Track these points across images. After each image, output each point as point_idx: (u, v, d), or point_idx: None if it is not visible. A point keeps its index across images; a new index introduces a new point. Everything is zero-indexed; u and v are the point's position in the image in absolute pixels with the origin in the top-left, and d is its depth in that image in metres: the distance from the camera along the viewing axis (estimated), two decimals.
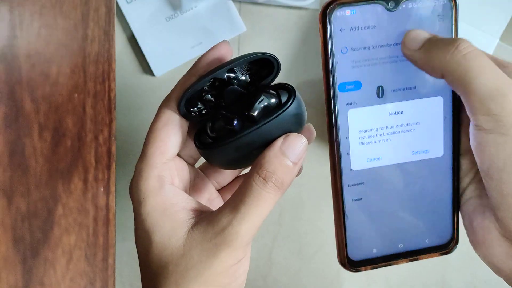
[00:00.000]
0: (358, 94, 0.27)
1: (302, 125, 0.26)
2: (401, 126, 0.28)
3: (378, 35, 0.26)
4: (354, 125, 0.27)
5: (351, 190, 0.29)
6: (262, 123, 0.24)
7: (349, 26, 0.26)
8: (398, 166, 0.28)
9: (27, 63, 0.35)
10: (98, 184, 0.39)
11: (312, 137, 0.29)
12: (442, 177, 0.29)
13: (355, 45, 0.26)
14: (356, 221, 0.29)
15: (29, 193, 0.36)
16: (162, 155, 0.26)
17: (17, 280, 0.35)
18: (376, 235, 0.29)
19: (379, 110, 0.27)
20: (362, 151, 0.28)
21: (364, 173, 0.28)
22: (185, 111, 0.26)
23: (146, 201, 0.25)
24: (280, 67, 0.27)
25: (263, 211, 0.24)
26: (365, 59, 0.27)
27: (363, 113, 0.27)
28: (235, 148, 0.25)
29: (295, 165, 0.25)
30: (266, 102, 0.25)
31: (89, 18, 0.39)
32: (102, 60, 0.39)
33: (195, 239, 0.24)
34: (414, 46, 0.26)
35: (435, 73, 0.25)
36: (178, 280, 0.24)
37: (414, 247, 0.30)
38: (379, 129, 0.28)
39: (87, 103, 0.39)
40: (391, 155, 0.28)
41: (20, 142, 0.35)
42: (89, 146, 0.39)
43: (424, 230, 0.30)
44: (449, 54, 0.24)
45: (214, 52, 0.26)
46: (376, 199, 0.29)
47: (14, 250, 0.35)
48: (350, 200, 0.29)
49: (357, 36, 0.26)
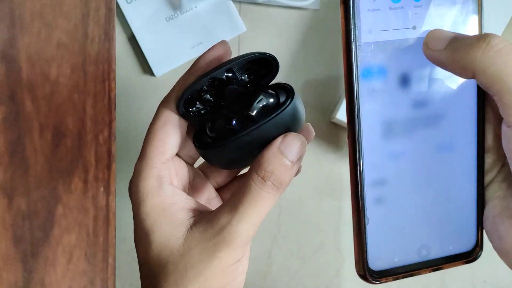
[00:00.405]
0: (382, 82, 0.25)
1: (301, 125, 0.26)
2: (426, 119, 0.26)
3: (404, 17, 0.24)
4: (377, 117, 0.25)
5: (373, 189, 0.26)
6: (261, 122, 0.24)
7: (374, 6, 0.24)
8: (422, 163, 0.26)
9: (27, 63, 0.36)
10: (98, 184, 0.39)
11: (311, 137, 0.29)
12: (466, 176, 0.27)
13: (380, 28, 0.24)
14: (378, 225, 0.26)
15: (30, 192, 0.36)
16: (161, 155, 0.26)
17: (17, 279, 0.36)
18: (399, 242, 0.26)
19: (404, 100, 0.25)
20: (384, 145, 0.25)
21: (386, 171, 0.26)
22: (184, 111, 0.26)
23: (145, 201, 0.25)
24: (279, 67, 0.27)
25: (262, 211, 0.24)
26: (389, 43, 0.24)
27: (386, 103, 0.25)
28: (234, 148, 0.25)
29: (294, 164, 0.25)
30: (265, 102, 0.25)
31: (89, 18, 0.39)
32: (102, 60, 0.40)
33: (194, 238, 0.24)
34: (439, 46, 0.24)
35: (465, 73, 0.23)
36: (178, 280, 0.24)
37: (438, 255, 0.27)
38: (402, 121, 0.25)
39: (87, 103, 0.39)
40: (414, 150, 0.26)
41: (21, 142, 0.35)
42: (89, 146, 0.39)
43: (449, 236, 0.27)
44: (481, 51, 0.22)
45: (213, 52, 0.26)
46: (400, 200, 0.26)
47: (15, 249, 0.35)
48: (371, 201, 0.26)
49: (382, 17, 0.24)
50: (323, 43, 0.47)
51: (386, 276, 0.26)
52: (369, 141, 0.25)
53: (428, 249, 0.27)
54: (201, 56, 0.26)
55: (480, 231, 0.27)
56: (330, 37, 0.47)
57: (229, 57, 0.27)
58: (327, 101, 0.47)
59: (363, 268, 0.26)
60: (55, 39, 0.37)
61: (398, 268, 0.26)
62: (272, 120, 0.24)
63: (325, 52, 0.47)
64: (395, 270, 0.26)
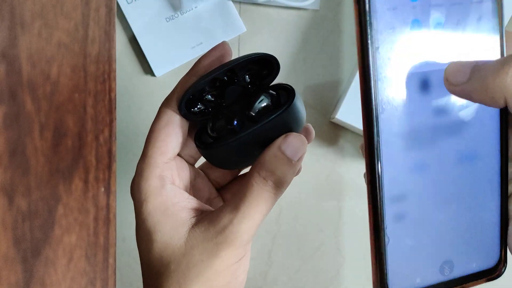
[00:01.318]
0: (401, 88, 0.23)
1: (301, 125, 0.27)
2: (448, 127, 0.24)
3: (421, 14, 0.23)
4: (395, 125, 0.23)
5: (393, 205, 0.23)
6: (262, 123, 0.24)
7: (389, 5, 0.22)
8: (444, 176, 0.24)
9: (28, 63, 0.36)
10: (99, 184, 0.39)
11: (311, 137, 0.29)
12: (490, 188, 0.25)
13: (398, 25, 0.22)
14: (399, 244, 0.24)
15: (30, 192, 0.36)
16: (163, 155, 0.26)
17: (17, 279, 0.36)
18: (421, 261, 0.24)
19: (424, 108, 0.23)
20: (404, 156, 0.24)
21: (407, 184, 0.24)
22: (186, 111, 0.26)
23: (147, 201, 0.26)
24: (280, 68, 0.27)
25: (264, 210, 0.24)
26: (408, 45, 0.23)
27: (405, 110, 0.23)
28: (235, 148, 0.25)
29: (295, 164, 0.25)
30: (266, 102, 0.25)
31: (90, 18, 0.39)
32: (102, 60, 0.40)
33: (196, 238, 0.24)
34: (461, 79, 0.22)
35: (496, 102, 0.21)
36: (180, 279, 0.24)
37: (461, 274, 0.25)
38: (423, 130, 0.24)
39: (88, 103, 0.39)
40: (436, 161, 0.24)
41: (21, 142, 0.35)
42: (89, 146, 0.39)
43: (472, 252, 0.25)
44: (509, 76, 0.20)
45: (214, 52, 0.27)
46: (421, 215, 0.24)
47: (15, 249, 0.35)
48: (391, 218, 0.23)
49: (399, 14, 0.22)
50: (323, 43, 0.47)
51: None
52: (388, 152, 0.23)
53: (451, 267, 0.25)
54: (203, 56, 0.27)
55: (504, 247, 0.25)
56: (330, 37, 0.47)
57: (230, 58, 0.27)
58: (327, 101, 0.47)
59: (382, 286, 0.24)
60: (55, 39, 0.37)
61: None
62: (273, 120, 0.24)
63: (325, 52, 0.47)
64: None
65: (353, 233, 0.48)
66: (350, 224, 0.48)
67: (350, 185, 0.48)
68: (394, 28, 0.22)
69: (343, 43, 0.47)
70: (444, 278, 0.25)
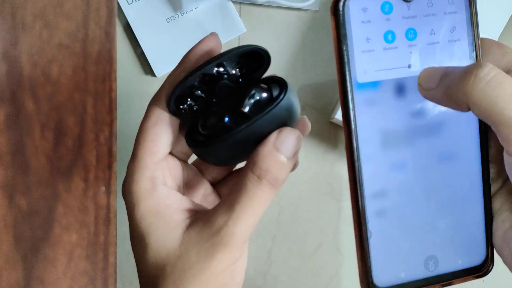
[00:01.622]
0: (377, 92, 0.24)
1: (296, 119, 0.25)
2: (427, 128, 0.25)
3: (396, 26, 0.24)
4: (374, 127, 0.25)
5: (374, 201, 0.25)
6: (254, 119, 0.23)
7: (365, 17, 0.24)
8: (425, 174, 0.25)
9: (28, 63, 0.36)
10: (99, 184, 0.40)
11: (307, 130, 0.28)
12: (472, 187, 0.26)
13: (372, 37, 0.24)
14: (382, 239, 0.25)
15: (30, 192, 0.36)
16: (153, 156, 0.25)
17: (18, 277, 0.36)
18: (404, 256, 0.25)
19: (402, 110, 0.25)
20: (383, 156, 0.25)
21: (387, 182, 0.25)
22: (175, 108, 0.25)
23: (139, 204, 0.25)
24: (270, 60, 0.26)
25: (259, 210, 0.24)
26: (382, 53, 0.24)
27: (383, 113, 0.24)
28: (228, 145, 0.24)
29: (290, 160, 0.24)
30: (258, 97, 0.24)
31: (90, 18, 0.39)
32: (103, 60, 0.40)
33: (191, 240, 0.24)
34: (431, 85, 0.23)
35: (461, 108, 0.22)
36: (176, 282, 0.24)
37: (446, 270, 0.26)
38: (402, 131, 0.25)
39: (88, 103, 0.39)
40: (416, 160, 0.25)
41: (22, 142, 0.35)
42: (90, 146, 0.39)
43: (457, 249, 0.26)
44: (469, 85, 0.21)
45: (202, 46, 0.25)
46: (403, 212, 0.25)
47: (15, 248, 0.36)
48: (373, 214, 0.25)
49: (374, 27, 0.24)
50: (322, 43, 0.47)
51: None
52: (368, 152, 0.24)
53: (436, 263, 0.26)
54: (190, 50, 0.26)
55: (490, 245, 0.26)
56: (329, 37, 0.47)
57: (219, 51, 0.26)
58: (326, 101, 0.47)
59: (368, 284, 0.25)
60: (56, 39, 0.38)
61: (406, 284, 0.25)
62: (266, 115, 0.23)
63: (324, 52, 0.47)
64: (402, 286, 0.25)
65: (353, 233, 0.48)
66: (350, 224, 0.48)
67: None
68: (369, 39, 0.24)
69: None
70: (430, 274, 0.25)
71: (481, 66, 0.21)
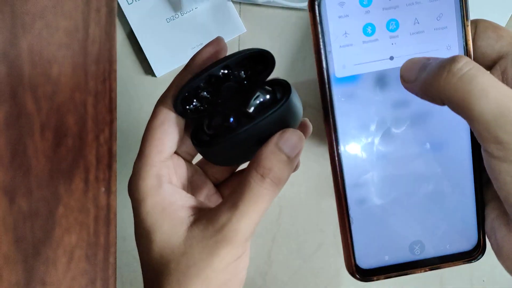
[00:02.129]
0: (357, 85, 0.25)
1: (298, 120, 0.26)
2: (411, 118, 0.25)
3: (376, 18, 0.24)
4: (355, 120, 0.25)
5: (355, 190, 0.26)
6: (258, 119, 0.24)
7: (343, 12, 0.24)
8: (410, 162, 0.26)
9: (29, 63, 0.36)
10: (99, 184, 0.40)
11: (309, 132, 0.29)
12: (462, 174, 0.26)
13: (350, 31, 0.24)
14: (363, 225, 0.26)
15: (31, 193, 0.36)
16: (159, 154, 0.26)
17: (18, 279, 0.36)
18: (388, 240, 0.26)
19: (383, 102, 0.25)
20: (365, 147, 0.25)
21: (368, 171, 0.26)
22: (182, 109, 0.26)
23: (145, 201, 0.25)
24: (275, 63, 0.27)
25: (262, 208, 0.24)
26: (362, 46, 0.24)
27: (363, 106, 0.25)
28: (232, 145, 0.25)
29: (292, 160, 0.25)
30: (262, 98, 0.25)
31: (90, 18, 0.39)
32: (103, 60, 0.40)
33: (195, 237, 0.25)
34: (411, 77, 0.23)
35: (437, 103, 0.22)
36: (180, 278, 0.24)
37: (433, 254, 0.26)
38: (383, 123, 0.25)
39: (88, 102, 0.39)
40: (399, 150, 0.25)
41: (22, 142, 0.35)
42: (90, 146, 0.39)
43: (445, 235, 0.26)
44: (442, 79, 0.20)
45: (209, 49, 0.26)
46: (385, 199, 0.26)
47: (16, 249, 0.35)
48: (354, 201, 0.26)
49: (353, 21, 0.24)
50: None
51: (377, 275, 0.26)
52: (348, 143, 0.25)
53: (422, 247, 0.26)
54: (197, 53, 0.26)
55: (481, 231, 0.26)
56: None
57: (225, 54, 0.27)
58: None
59: (351, 266, 0.26)
60: (56, 39, 0.37)
61: (390, 266, 0.26)
62: (270, 116, 0.24)
63: None
64: (385, 269, 0.26)
65: None
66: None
67: None
68: (347, 33, 0.24)
69: None
70: (415, 258, 0.26)
71: (455, 61, 0.20)
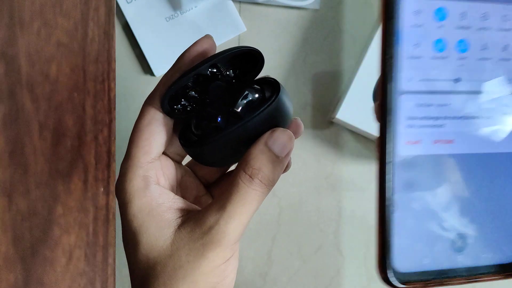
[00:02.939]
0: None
1: (288, 120, 0.26)
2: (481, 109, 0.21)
3: (448, 34, 0.21)
4: (414, 85, 0.21)
5: (406, 169, 0.21)
6: (247, 119, 0.24)
7: (417, 21, 0.21)
8: (477, 147, 0.21)
9: (27, 62, 0.36)
10: (98, 184, 0.39)
11: (300, 131, 0.27)
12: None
13: (421, 43, 0.21)
14: (409, 216, 0.21)
15: (29, 192, 0.36)
16: (146, 155, 0.25)
17: (16, 278, 0.36)
18: (434, 240, 0.21)
19: (446, 70, 0.21)
20: (425, 112, 0.21)
21: (425, 148, 0.21)
22: (169, 108, 0.26)
23: (132, 202, 0.25)
24: (264, 61, 0.26)
25: (250, 209, 0.24)
26: (430, 61, 0.21)
27: (425, 72, 0.21)
28: (220, 145, 0.24)
29: (282, 160, 0.24)
30: (250, 98, 0.25)
31: (89, 17, 0.39)
32: (102, 59, 0.40)
33: (182, 239, 0.24)
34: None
35: None
36: (167, 281, 0.24)
37: (484, 263, 0.22)
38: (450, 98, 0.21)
39: (87, 102, 0.39)
40: (467, 131, 0.21)
41: (20, 141, 0.35)
42: (88, 146, 0.39)
43: (495, 241, 0.22)
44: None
45: (196, 47, 0.26)
46: (441, 187, 0.21)
47: (14, 249, 0.35)
48: (401, 184, 0.21)
49: (425, 32, 0.21)
50: (323, 42, 0.47)
51: (414, 282, 0.21)
52: (405, 107, 0.20)
53: (467, 254, 0.22)
54: (185, 51, 0.26)
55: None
56: (330, 36, 0.47)
57: (213, 52, 0.26)
58: (327, 101, 0.47)
59: (385, 267, 0.21)
60: (54, 38, 0.37)
61: (430, 272, 0.21)
62: (258, 116, 0.24)
63: (324, 51, 0.47)
64: (425, 274, 0.21)
65: (353, 233, 0.48)
66: (350, 224, 0.48)
67: (350, 185, 0.48)
68: (418, 44, 0.21)
69: (343, 42, 0.47)
70: (457, 265, 0.22)
71: None
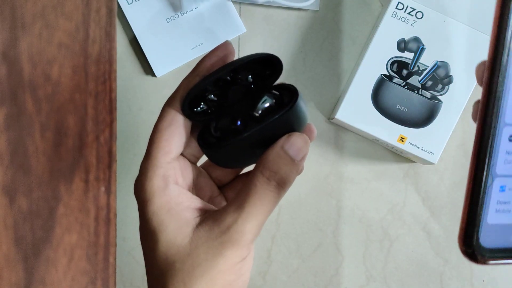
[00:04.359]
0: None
1: (304, 125, 0.27)
2: None
3: None
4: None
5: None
6: (265, 123, 0.25)
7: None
8: None
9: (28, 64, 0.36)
10: (99, 184, 0.40)
11: (313, 136, 0.29)
12: None
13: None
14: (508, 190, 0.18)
15: (31, 192, 0.36)
16: (166, 155, 0.26)
17: (18, 279, 0.36)
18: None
19: None
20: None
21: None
22: (189, 111, 0.27)
23: (152, 201, 0.26)
24: (282, 67, 0.27)
25: (267, 210, 0.25)
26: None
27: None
28: (238, 147, 0.25)
29: (298, 163, 0.25)
30: (269, 102, 0.26)
31: (90, 18, 0.39)
32: (103, 60, 0.40)
33: (200, 237, 0.25)
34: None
35: None
36: (185, 278, 0.25)
37: None
38: None
39: (89, 103, 0.39)
40: None
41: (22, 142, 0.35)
42: (90, 146, 0.39)
43: None
44: None
45: (217, 52, 0.27)
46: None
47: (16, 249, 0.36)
48: (505, 150, 0.18)
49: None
50: (322, 43, 0.47)
51: (498, 258, 0.18)
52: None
53: None
54: (206, 56, 0.27)
55: None
56: (329, 37, 0.47)
57: (233, 58, 0.27)
58: (326, 101, 0.47)
59: (470, 240, 0.18)
60: (56, 39, 0.37)
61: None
62: (276, 120, 0.25)
63: (324, 52, 0.47)
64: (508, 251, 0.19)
65: (353, 233, 0.48)
66: (349, 223, 0.48)
67: (350, 184, 0.48)
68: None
69: (342, 43, 0.47)
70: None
71: None
